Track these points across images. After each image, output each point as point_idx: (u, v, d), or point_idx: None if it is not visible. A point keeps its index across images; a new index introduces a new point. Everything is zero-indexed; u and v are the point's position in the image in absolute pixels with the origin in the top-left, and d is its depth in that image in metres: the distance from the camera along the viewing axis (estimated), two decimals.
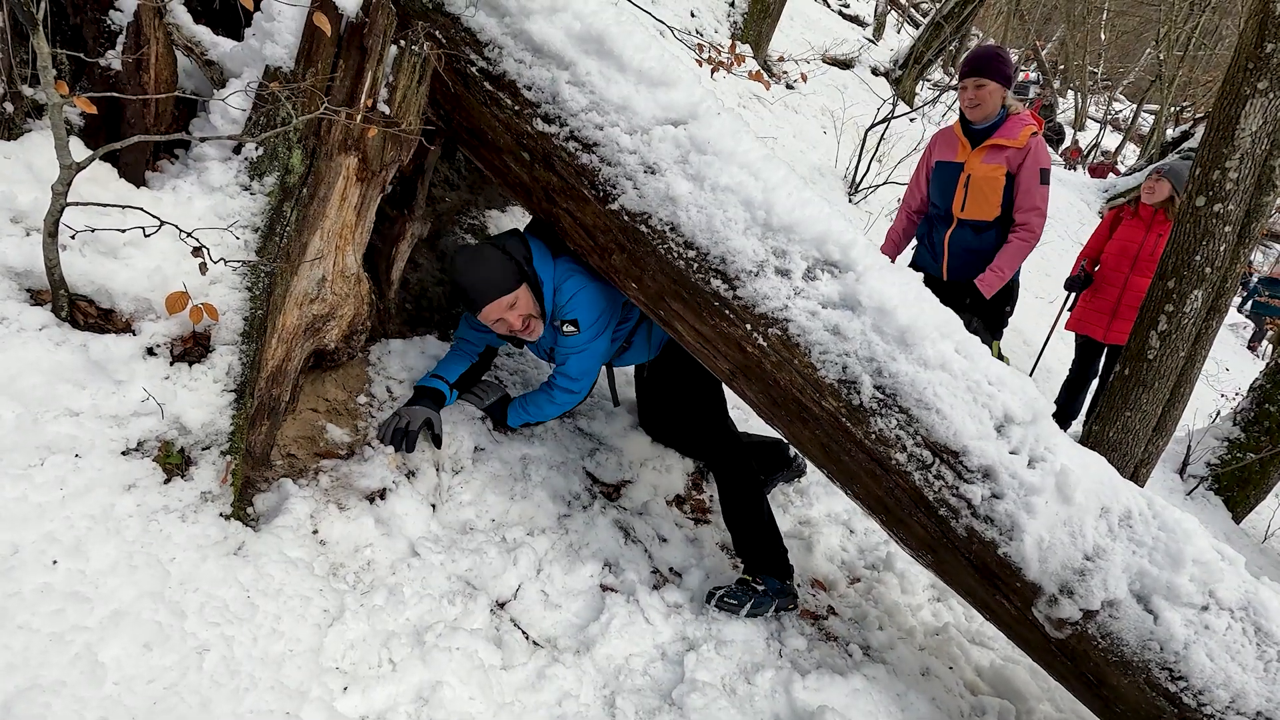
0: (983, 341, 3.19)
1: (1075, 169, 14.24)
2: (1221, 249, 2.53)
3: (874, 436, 1.82)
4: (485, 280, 2.09)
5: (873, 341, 1.84)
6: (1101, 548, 1.74)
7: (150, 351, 1.46)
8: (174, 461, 1.44)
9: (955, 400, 1.82)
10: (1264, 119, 2.33)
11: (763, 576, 2.22)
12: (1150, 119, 16.23)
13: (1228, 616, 1.69)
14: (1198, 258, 2.56)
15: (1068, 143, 15.70)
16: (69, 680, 1.05)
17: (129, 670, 1.12)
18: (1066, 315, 4.30)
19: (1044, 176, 3.04)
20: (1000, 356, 3.33)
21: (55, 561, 1.16)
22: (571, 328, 2.21)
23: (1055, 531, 1.75)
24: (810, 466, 2.93)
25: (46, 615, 1.10)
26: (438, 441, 2.22)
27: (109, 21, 1.59)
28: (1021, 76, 16.72)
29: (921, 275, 2.09)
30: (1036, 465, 1.80)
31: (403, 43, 1.83)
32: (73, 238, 1.35)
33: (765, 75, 5.64)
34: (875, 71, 10.60)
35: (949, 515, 1.80)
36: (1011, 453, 1.81)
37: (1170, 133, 14.16)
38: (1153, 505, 1.79)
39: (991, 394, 1.85)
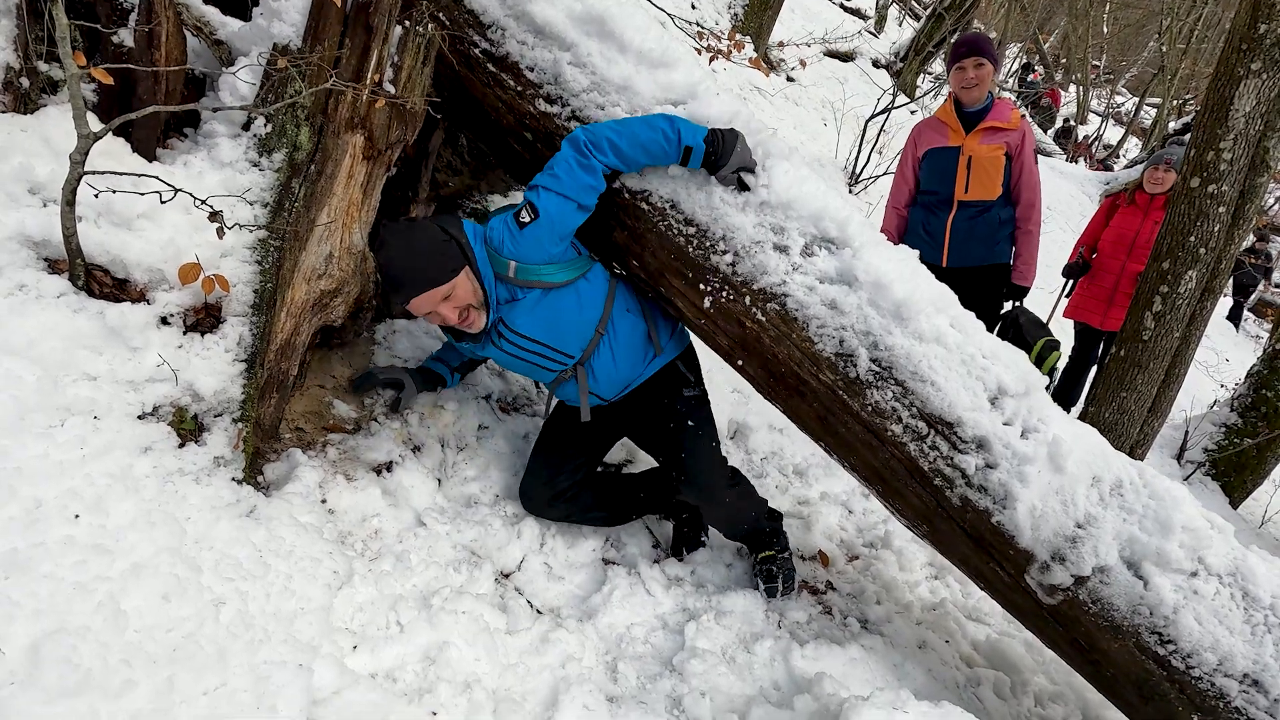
0: (1034, 337, 3.35)
1: (1078, 162, 14.23)
2: (1215, 230, 2.56)
3: (870, 409, 1.86)
4: (414, 267, 1.75)
5: (869, 315, 1.87)
6: (1093, 515, 1.78)
7: (164, 320, 1.50)
8: (188, 427, 1.48)
9: (950, 373, 1.85)
10: (1257, 99, 2.35)
11: (775, 542, 2.29)
12: (1153, 112, 16.21)
13: (1216, 582, 1.73)
14: (1192, 239, 2.59)
15: (1076, 137, 15.71)
16: (93, 626, 1.10)
17: (149, 619, 1.16)
18: (1065, 302, 4.33)
19: (1035, 156, 3.22)
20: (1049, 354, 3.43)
21: (77, 516, 1.20)
22: (529, 215, 1.81)
23: (1048, 500, 1.79)
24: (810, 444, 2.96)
25: (70, 565, 1.14)
26: (395, 406, 2.21)
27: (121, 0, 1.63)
28: (1031, 76, 16.71)
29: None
30: (1029, 436, 1.83)
31: (407, 23, 1.86)
32: (96, 196, 1.39)
33: (765, 65, 5.67)
34: (876, 64, 10.61)
35: (944, 485, 1.84)
36: (1005, 424, 1.84)
37: (1172, 125, 14.15)
38: (1143, 474, 1.83)
39: (985, 367, 1.89)
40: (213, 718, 1.13)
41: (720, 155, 1.85)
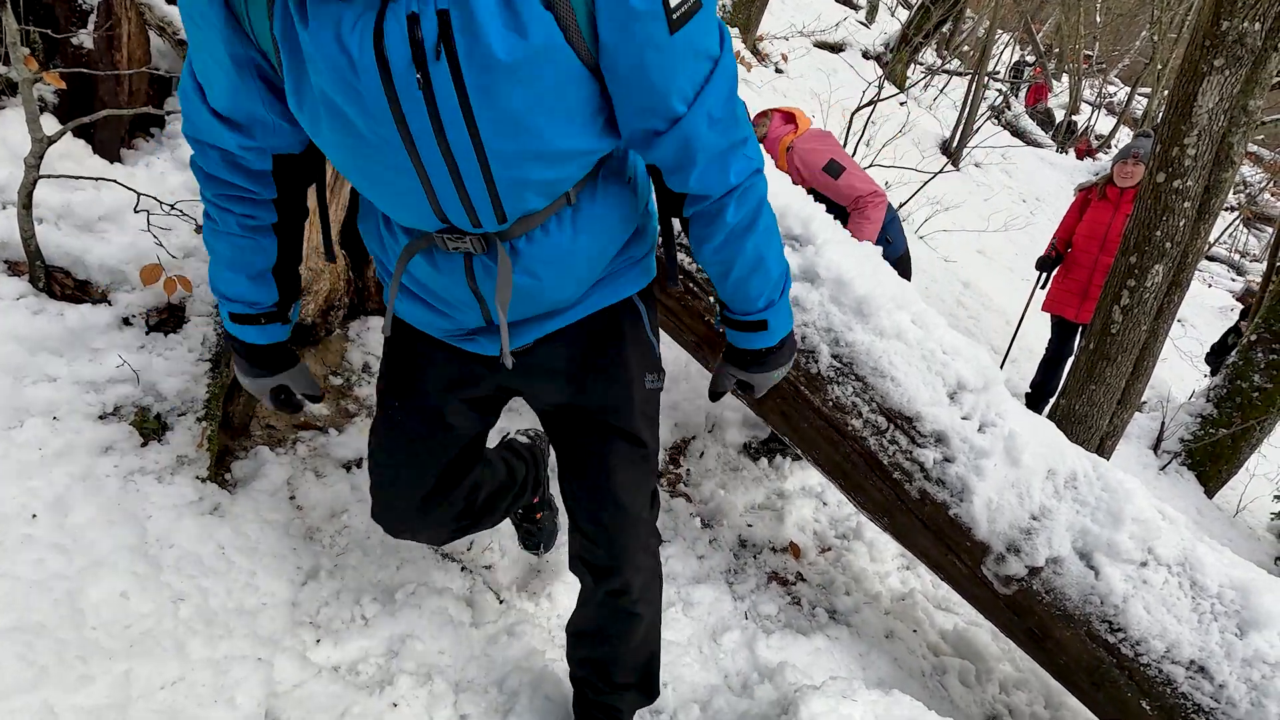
0: None
1: (1066, 152, 14.25)
2: (1181, 224, 2.59)
3: (831, 404, 1.89)
4: None
5: (830, 312, 1.90)
6: (1047, 508, 1.82)
7: (126, 321, 1.52)
8: (150, 426, 1.50)
9: (910, 368, 1.89)
10: (1220, 96, 2.38)
11: None
12: (1144, 102, 16.21)
13: (1165, 572, 1.77)
14: (1158, 233, 2.62)
15: (1078, 132, 15.73)
16: (50, 623, 1.12)
17: (107, 615, 1.19)
18: (1040, 294, 4.38)
19: (831, 170, 2.57)
20: None
21: (35, 515, 1.22)
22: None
23: (1004, 493, 1.83)
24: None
25: (28, 564, 1.16)
26: (311, 399, 1.27)
27: (80, 1, 1.63)
28: (1031, 72, 16.61)
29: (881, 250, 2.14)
30: (987, 430, 1.87)
31: None
32: (33, 203, 1.40)
33: (752, 58, 5.67)
34: (866, 55, 10.59)
35: (903, 479, 1.87)
36: (963, 418, 1.88)
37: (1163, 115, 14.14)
38: (1097, 467, 1.87)
39: (945, 362, 1.92)
40: (170, 710, 1.16)
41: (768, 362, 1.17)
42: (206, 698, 1.21)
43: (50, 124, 1.49)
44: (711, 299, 1.95)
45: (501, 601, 1.95)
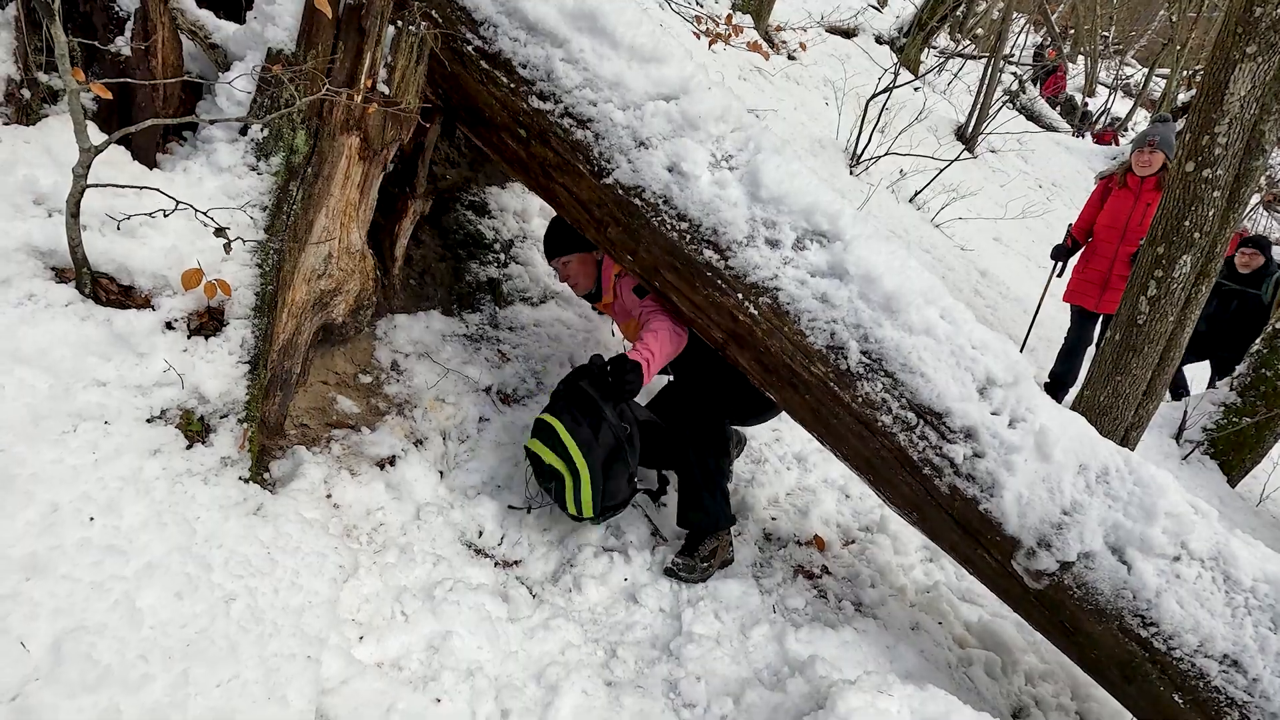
0: None
1: (1083, 136, 14.06)
2: (1210, 214, 2.56)
3: (861, 400, 1.89)
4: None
5: (859, 308, 1.90)
6: (1079, 502, 1.82)
7: (169, 325, 1.55)
8: (195, 429, 1.53)
9: (939, 364, 1.89)
10: (1253, 83, 2.35)
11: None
12: (1162, 84, 15.94)
13: (1198, 566, 1.77)
14: (1186, 223, 2.59)
15: (1099, 123, 15.56)
16: (110, 623, 1.16)
17: (163, 615, 1.22)
18: (1056, 283, 4.35)
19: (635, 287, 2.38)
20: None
21: (92, 518, 1.25)
22: None
23: (1034, 488, 1.83)
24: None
25: (86, 566, 1.20)
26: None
27: (117, 8, 1.65)
28: (1047, 54, 16.41)
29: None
30: (1017, 425, 1.87)
31: (400, 23, 1.88)
32: (95, 206, 1.42)
33: (766, 46, 5.63)
34: (879, 40, 10.47)
35: (933, 474, 1.88)
36: (993, 413, 1.88)
37: (1182, 97, 13.93)
38: (1129, 461, 1.87)
39: (975, 357, 1.92)
40: (226, 709, 1.19)
41: None
42: (260, 695, 1.24)
43: (91, 130, 1.51)
44: (740, 296, 1.95)
45: (534, 596, 1.97)
